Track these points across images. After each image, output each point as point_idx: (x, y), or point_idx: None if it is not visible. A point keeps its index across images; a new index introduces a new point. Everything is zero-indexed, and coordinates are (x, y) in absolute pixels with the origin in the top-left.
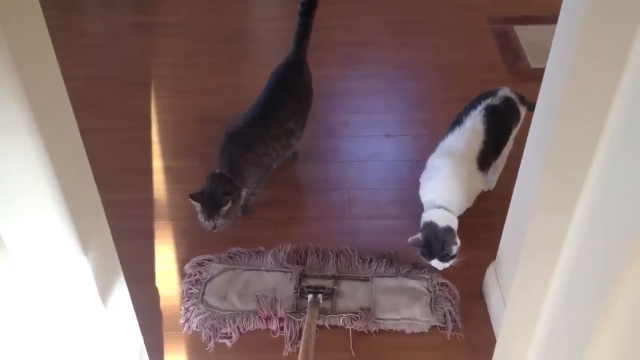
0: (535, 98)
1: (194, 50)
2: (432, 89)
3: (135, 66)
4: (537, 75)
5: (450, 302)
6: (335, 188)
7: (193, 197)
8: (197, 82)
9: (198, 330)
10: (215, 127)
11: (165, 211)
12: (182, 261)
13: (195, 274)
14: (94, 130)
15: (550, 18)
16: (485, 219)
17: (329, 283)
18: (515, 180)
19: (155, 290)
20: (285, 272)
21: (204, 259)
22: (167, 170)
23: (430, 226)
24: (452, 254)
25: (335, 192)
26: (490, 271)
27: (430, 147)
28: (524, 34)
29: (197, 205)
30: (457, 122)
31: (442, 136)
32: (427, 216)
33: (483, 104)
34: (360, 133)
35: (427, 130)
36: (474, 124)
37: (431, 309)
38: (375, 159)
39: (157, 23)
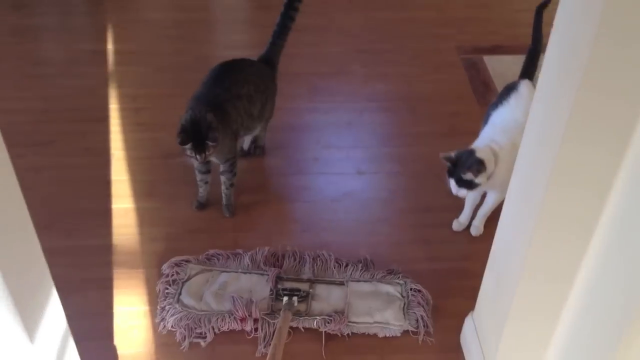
0: None
1: (157, 80)
2: (402, 122)
3: (94, 98)
4: None
5: (423, 307)
6: (305, 230)
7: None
8: (159, 115)
9: (173, 329)
10: (179, 163)
11: (125, 259)
12: (143, 314)
13: (173, 274)
14: (49, 169)
15: (519, 48)
16: (461, 262)
17: (304, 286)
18: (494, 222)
19: (114, 349)
20: (262, 274)
21: (182, 260)
22: (128, 212)
23: (468, 151)
24: (467, 179)
25: (305, 235)
26: (468, 322)
27: (404, 184)
28: (494, 64)
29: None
30: (509, 90)
31: (491, 107)
32: (475, 144)
33: (527, 81)
34: (331, 170)
35: (399, 167)
36: (529, 90)
37: (404, 314)
38: (348, 198)
39: (118, 51)
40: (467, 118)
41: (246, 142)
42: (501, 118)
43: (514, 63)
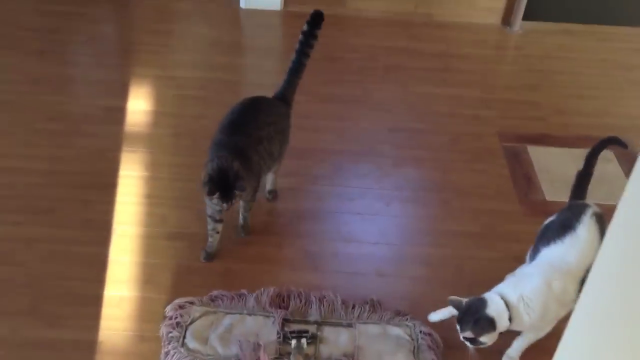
0: None
1: (173, 146)
2: (433, 217)
3: (104, 161)
4: (553, 211)
5: (434, 350)
6: None
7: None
8: (170, 187)
9: None
10: (185, 246)
11: None
12: None
13: (176, 317)
14: (43, 242)
15: (567, 140)
16: None
17: (312, 328)
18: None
19: None
20: (267, 316)
21: (186, 302)
22: (121, 301)
23: (479, 302)
24: (469, 338)
25: None
26: None
27: (429, 293)
28: (539, 156)
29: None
30: (565, 227)
31: (542, 241)
32: (489, 293)
33: (590, 211)
34: (349, 268)
35: (425, 271)
36: (588, 231)
37: (415, 358)
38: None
39: (136, 110)
40: (505, 218)
41: (268, 182)
42: (550, 257)
43: (561, 156)
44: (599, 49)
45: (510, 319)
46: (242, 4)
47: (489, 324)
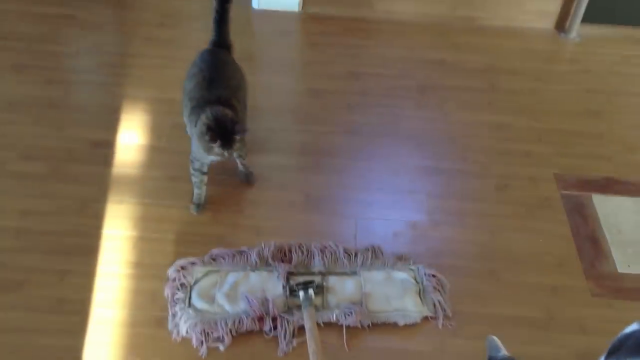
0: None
1: (169, 194)
2: (479, 296)
3: (85, 217)
4: (627, 289)
5: (439, 291)
6: None
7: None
8: (164, 252)
9: (188, 336)
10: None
11: None
12: None
13: (180, 278)
14: (7, 332)
15: None
16: None
17: (317, 279)
18: None
19: None
20: (271, 271)
21: (187, 262)
22: None
23: None
24: None
25: None
26: None
27: None
28: (606, 209)
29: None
30: None
31: None
32: None
33: None
34: None
35: None
36: None
37: (421, 299)
38: None
39: (126, 145)
40: (568, 298)
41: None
42: None
43: (634, 210)
44: None
45: None
46: (255, 4)
47: None
